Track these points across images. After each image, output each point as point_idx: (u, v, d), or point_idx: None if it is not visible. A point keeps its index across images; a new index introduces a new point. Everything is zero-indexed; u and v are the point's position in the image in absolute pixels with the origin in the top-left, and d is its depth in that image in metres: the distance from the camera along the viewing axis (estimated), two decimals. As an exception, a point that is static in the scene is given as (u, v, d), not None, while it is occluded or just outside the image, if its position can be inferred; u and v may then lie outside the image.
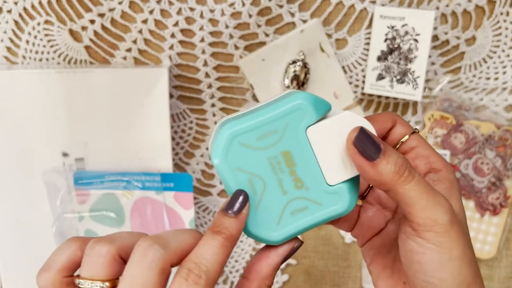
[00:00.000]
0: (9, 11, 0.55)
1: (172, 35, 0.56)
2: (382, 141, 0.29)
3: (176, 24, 0.56)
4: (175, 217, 0.56)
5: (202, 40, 0.56)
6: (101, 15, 0.55)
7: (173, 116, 0.58)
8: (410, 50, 0.55)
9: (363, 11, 0.56)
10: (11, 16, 0.55)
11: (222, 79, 0.58)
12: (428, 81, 0.58)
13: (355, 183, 0.30)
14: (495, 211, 0.58)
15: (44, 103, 0.53)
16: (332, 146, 0.29)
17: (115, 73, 0.53)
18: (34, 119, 0.53)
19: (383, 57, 0.56)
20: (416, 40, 0.54)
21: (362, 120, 0.29)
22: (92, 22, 0.55)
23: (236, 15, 0.55)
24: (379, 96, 0.59)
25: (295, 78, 0.56)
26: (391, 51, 0.55)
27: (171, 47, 0.56)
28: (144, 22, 0.56)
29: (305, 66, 0.56)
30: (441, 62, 0.58)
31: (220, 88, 0.58)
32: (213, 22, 0.56)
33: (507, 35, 0.56)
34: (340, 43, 0.57)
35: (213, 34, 0.56)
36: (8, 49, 0.56)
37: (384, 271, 0.33)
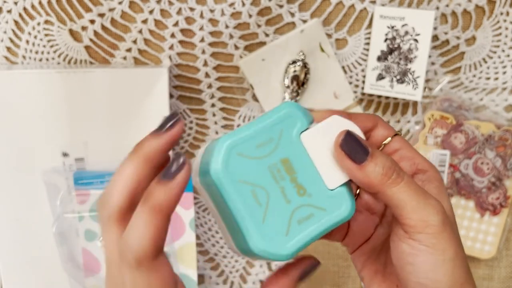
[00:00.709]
0: (9, 11, 0.55)
1: (172, 35, 0.56)
2: (370, 143, 0.29)
3: (176, 24, 0.56)
4: (175, 217, 0.56)
5: (202, 40, 0.56)
6: (101, 15, 0.55)
7: (173, 116, 0.58)
8: (410, 50, 0.55)
9: (363, 11, 0.56)
10: (11, 16, 0.55)
11: (222, 79, 0.58)
12: (428, 81, 0.58)
13: (350, 185, 0.30)
14: (495, 211, 0.58)
15: (44, 103, 0.53)
16: (325, 150, 0.29)
17: (115, 73, 0.53)
18: (34, 119, 0.53)
19: (383, 57, 0.56)
20: (416, 40, 0.54)
21: (349, 123, 0.29)
22: (92, 22, 0.55)
23: (236, 15, 0.55)
24: (379, 96, 0.59)
25: (295, 78, 0.56)
26: (391, 51, 0.55)
27: (171, 47, 0.56)
28: (144, 22, 0.56)
29: (305, 66, 0.56)
30: (441, 62, 0.58)
31: (220, 88, 0.58)
32: (213, 22, 0.56)
33: (507, 35, 0.56)
34: (340, 43, 0.57)
35: (213, 34, 0.56)
36: (8, 49, 0.56)
37: (376, 276, 0.33)
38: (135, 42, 0.56)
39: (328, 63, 0.57)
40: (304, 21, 0.56)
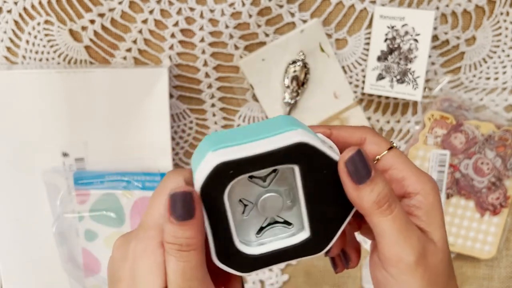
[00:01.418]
0: (9, 11, 0.55)
1: (172, 35, 0.56)
2: (375, 167, 0.28)
3: (176, 24, 0.56)
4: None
5: (202, 40, 0.56)
6: (101, 15, 0.55)
7: (173, 116, 0.58)
8: (410, 50, 0.55)
9: (363, 11, 0.56)
10: (11, 16, 0.55)
11: (222, 79, 0.58)
12: (428, 81, 0.58)
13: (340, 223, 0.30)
14: (495, 211, 0.58)
15: (44, 103, 0.53)
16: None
17: (115, 73, 0.53)
18: (34, 119, 0.53)
19: (383, 57, 0.56)
20: (416, 40, 0.54)
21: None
22: (92, 22, 0.55)
23: (236, 15, 0.55)
24: (379, 96, 0.59)
25: (295, 78, 0.56)
26: (391, 51, 0.55)
27: (171, 47, 0.56)
28: (144, 22, 0.56)
29: (305, 66, 0.56)
30: (441, 62, 0.58)
31: (220, 88, 0.58)
32: (213, 22, 0.56)
33: (507, 35, 0.56)
34: (340, 43, 0.57)
35: (213, 34, 0.56)
36: (8, 49, 0.56)
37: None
38: (135, 42, 0.56)
39: (328, 63, 0.57)
40: (304, 21, 0.56)
